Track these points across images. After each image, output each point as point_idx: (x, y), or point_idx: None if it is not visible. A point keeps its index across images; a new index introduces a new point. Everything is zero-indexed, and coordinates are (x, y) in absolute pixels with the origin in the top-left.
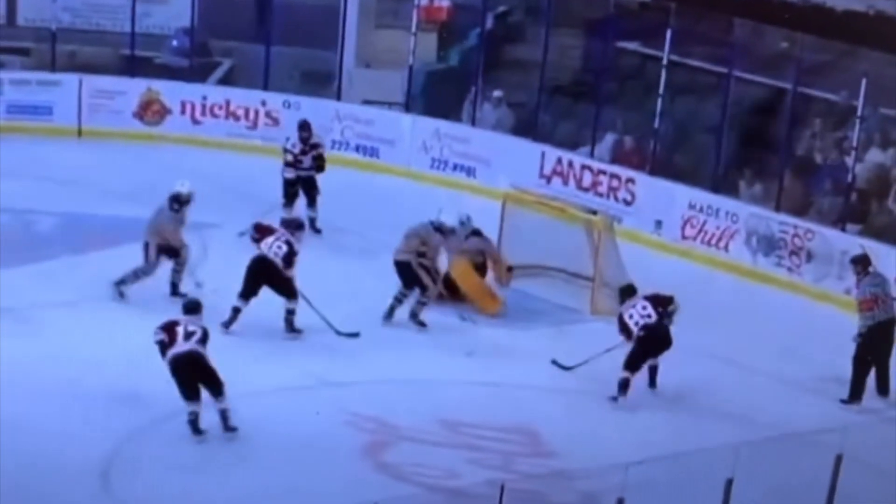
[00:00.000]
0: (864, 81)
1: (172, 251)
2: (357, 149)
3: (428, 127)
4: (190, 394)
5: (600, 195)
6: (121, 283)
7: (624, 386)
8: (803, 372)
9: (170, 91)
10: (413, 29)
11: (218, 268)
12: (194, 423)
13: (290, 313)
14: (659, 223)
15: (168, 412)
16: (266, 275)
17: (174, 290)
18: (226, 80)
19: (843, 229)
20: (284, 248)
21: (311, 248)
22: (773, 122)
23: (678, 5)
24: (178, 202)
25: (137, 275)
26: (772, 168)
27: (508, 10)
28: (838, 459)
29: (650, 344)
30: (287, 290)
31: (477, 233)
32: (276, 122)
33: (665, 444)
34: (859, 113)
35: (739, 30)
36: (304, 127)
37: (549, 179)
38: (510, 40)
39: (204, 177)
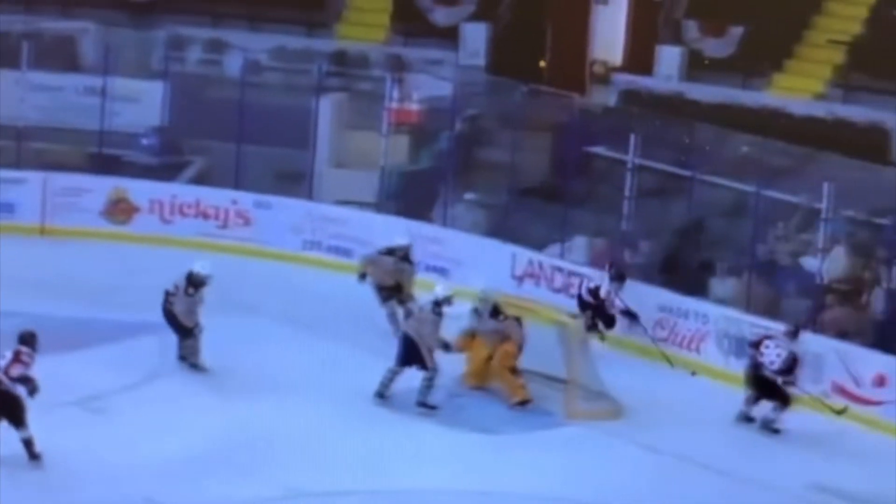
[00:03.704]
0: (826, 184)
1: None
2: (329, 249)
3: (400, 227)
4: None
5: (572, 297)
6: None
7: None
8: (783, 475)
9: (138, 190)
10: (384, 131)
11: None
12: None
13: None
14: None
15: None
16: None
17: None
18: (198, 179)
19: (815, 330)
20: None
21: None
22: (738, 225)
23: (641, 110)
24: (193, 285)
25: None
26: (738, 270)
27: (478, 113)
28: None
29: None
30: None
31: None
32: (247, 221)
33: None
34: (823, 215)
35: (702, 134)
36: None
37: (520, 280)
38: (480, 143)
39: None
